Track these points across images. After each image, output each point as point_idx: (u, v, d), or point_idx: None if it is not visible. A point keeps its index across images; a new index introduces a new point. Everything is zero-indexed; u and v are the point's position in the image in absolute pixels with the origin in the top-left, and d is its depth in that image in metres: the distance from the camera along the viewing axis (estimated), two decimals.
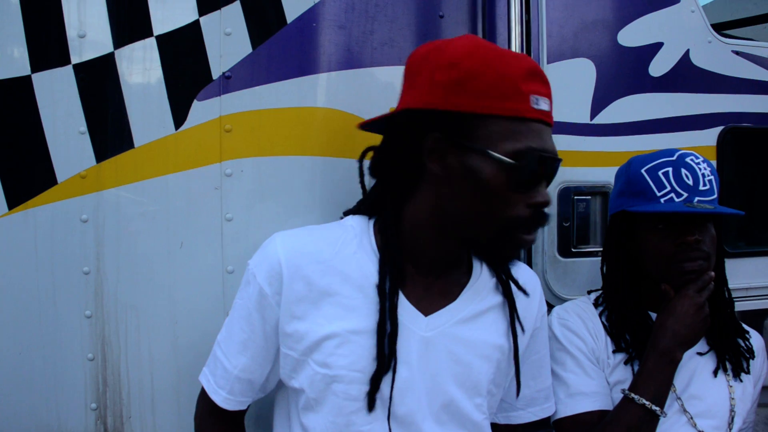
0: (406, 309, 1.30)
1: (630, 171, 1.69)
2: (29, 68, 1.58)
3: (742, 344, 1.71)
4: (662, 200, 1.60)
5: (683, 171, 1.60)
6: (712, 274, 1.59)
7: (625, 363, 1.65)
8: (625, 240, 1.71)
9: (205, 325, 1.65)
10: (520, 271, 1.48)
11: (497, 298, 1.40)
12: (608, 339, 1.67)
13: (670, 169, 1.61)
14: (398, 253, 1.30)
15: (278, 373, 1.37)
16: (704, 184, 1.60)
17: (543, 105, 1.20)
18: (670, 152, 1.66)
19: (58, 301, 1.62)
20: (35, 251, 1.61)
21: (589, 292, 1.83)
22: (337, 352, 1.26)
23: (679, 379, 1.61)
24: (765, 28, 2.70)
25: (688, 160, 1.62)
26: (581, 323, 1.69)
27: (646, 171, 1.64)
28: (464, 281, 1.38)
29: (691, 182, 1.59)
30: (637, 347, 1.64)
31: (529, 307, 1.45)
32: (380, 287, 1.27)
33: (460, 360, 1.32)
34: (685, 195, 1.59)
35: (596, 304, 1.75)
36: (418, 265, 1.33)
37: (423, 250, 1.32)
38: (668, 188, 1.60)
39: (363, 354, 1.25)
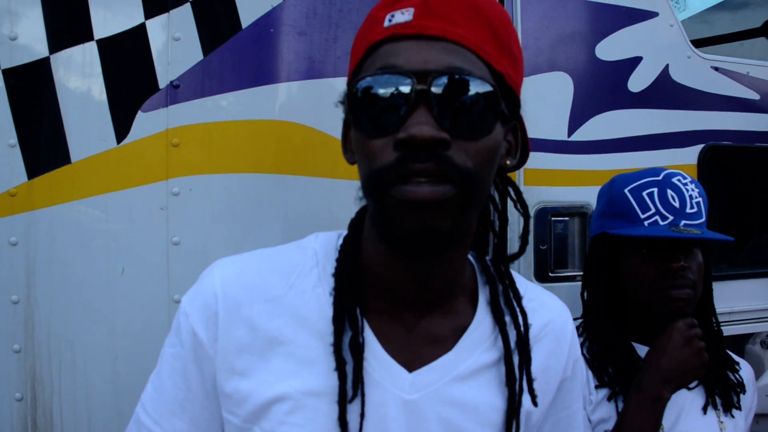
0: (382, 362, 0.98)
1: (612, 191, 1.60)
2: None
3: (732, 377, 1.62)
4: (646, 223, 1.51)
5: (669, 192, 1.52)
6: (695, 321, 1.51)
7: (609, 399, 1.54)
8: (607, 264, 1.61)
9: (149, 360, 1.46)
10: (541, 305, 1.11)
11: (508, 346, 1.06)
12: (590, 373, 1.56)
13: (655, 189, 1.53)
14: (354, 282, 0.99)
15: None
16: (691, 207, 1.51)
17: (400, 18, 0.89)
18: (655, 171, 1.57)
19: None
20: None
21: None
22: (288, 420, 0.95)
23: (667, 416, 1.51)
24: (742, 45, 2.66)
25: (674, 180, 1.54)
26: None
27: (629, 191, 1.55)
28: (464, 324, 1.04)
29: (677, 204, 1.51)
30: (621, 382, 1.53)
31: (556, 353, 1.10)
32: (336, 333, 0.96)
33: (457, 431, 1.00)
34: (671, 218, 1.50)
35: (577, 335, 1.63)
36: (389, 299, 1.01)
37: (378, 273, 1.00)
38: (653, 210, 1.51)
39: (322, 423, 0.95)
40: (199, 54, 1.56)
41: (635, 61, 2.07)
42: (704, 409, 1.55)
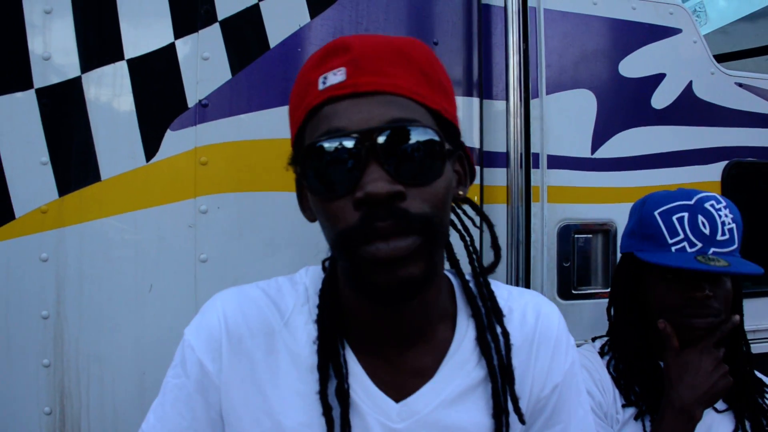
0: (369, 394, 1.02)
1: (643, 211, 1.57)
2: None
3: (763, 403, 1.60)
4: (673, 248, 1.48)
5: (700, 218, 1.49)
6: (737, 318, 1.49)
7: (635, 418, 1.53)
8: (634, 284, 1.60)
9: None
10: (525, 314, 1.11)
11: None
12: (616, 392, 1.55)
13: (685, 214, 1.49)
14: (335, 328, 1.02)
15: None
16: (723, 234, 1.48)
17: (334, 79, 0.90)
18: (688, 194, 1.54)
19: (13, 347, 1.52)
20: None
21: (593, 339, 1.71)
22: None
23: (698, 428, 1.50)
24: (766, 61, 2.65)
25: (707, 205, 1.50)
26: (587, 375, 1.56)
27: (659, 214, 1.52)
28: (444, 349, 1.06)
29: (707, 231, 1.48)
30: (648, 401, 1.52)
31: (545, 359, 1.10)
32: (321, 381, 0.98)
33: None
34: (700, 245, 1.47)
35: (602, 353, 1.63)
36: (370, 337, 1.04)
37: (360, 318, 1.03)
38: (681, 236, 1.48)
39: None
40: (228, 73, 1.57)
41: (659, 78, 2.07)
42: None
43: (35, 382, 1.52)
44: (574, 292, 1.96)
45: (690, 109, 2.11)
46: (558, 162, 1.93)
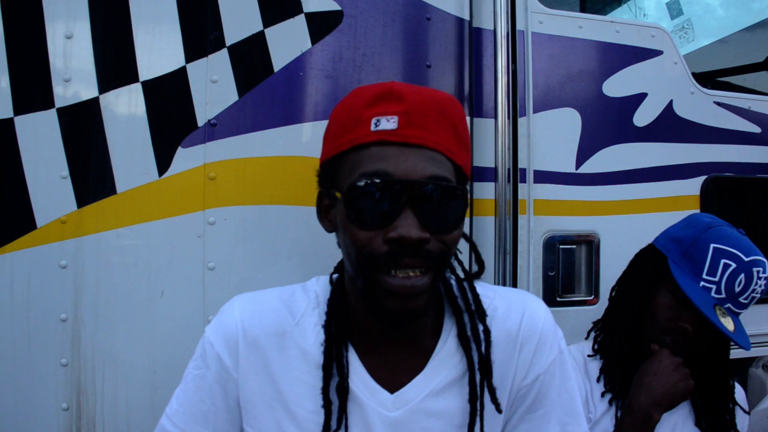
0: (368, 387, 1.16)
1: (705, 234, 1.61)
2: (12, 111, 1.57)
3: (725, 407, 1.69)
4: (702, 283, 1.55)
5: (741, 276, 1.54)
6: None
7: (610, 402, 1.62)
8: (648, 276, 1.67)
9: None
10: (509, 310, 1.22)
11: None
12: (590, 392, 1.66)
13: (733, 266, 1.54)
14: (340, 333, 1.16)
15: None
16: (746, 297, 1.56)
17: (387, 124, 1.03)
18: (749, 250, 1.56)
19: (33, 347, 1.59)
20: (11, 296, 1.58)
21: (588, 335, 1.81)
22: None
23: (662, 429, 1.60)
24: (744, 80, 2.74)
25: (755, 269, 1.55)
26: None
27: (714, 248, 1.56)
28: (432, 346, 1.20)
29: (738, 290, 1.54)
30: (621, 384, 1.63)
31: (521, 358, 1.20)
32: (324, 378, 1.13)
33: None
34: (723, 296, 1.54)
35: (594, 340, 1.73)
36: (371, 339, 1.18)
37: (362, 324, 1.17)
38: (716, 279, 1.54)
39: None
40: (235, 95, 1.66)
41: (641, 97, 2.17)
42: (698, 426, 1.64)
43: (54, 380, 1.59)
44: (558, 299, 2.05)
45: (670, 126, 2.20)
46: (544, 177, 2.03)
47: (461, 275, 1.25)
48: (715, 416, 1.66)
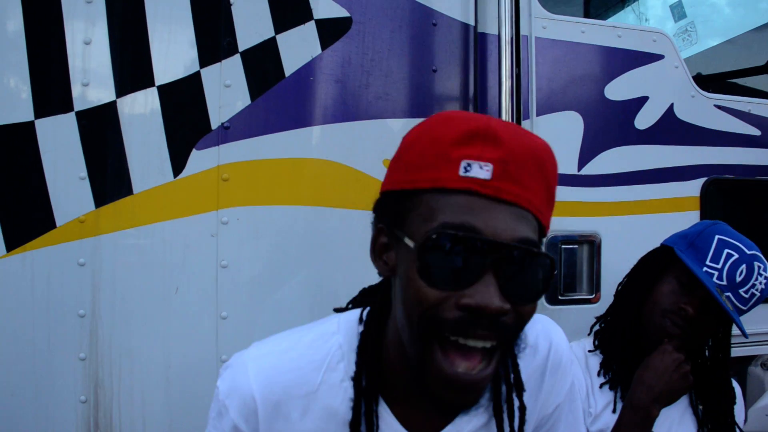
0: None
1: (709, 228, 1.69)
2: (33, 114, 1.62)
3: (722, 404, 1.73)
4: (705, 269, 1.61)
5: (743, 267, 1.60)
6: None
7: (611, 388, 1.67)
8: (655, 270, 1.72)
9: (197, 369, 1.67)
10: (536, 343, 1.15)
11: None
12: (590, 389, 1.70)
13: (736, 256, 1.61)
14: (373, 381, 1.04)
15: None
16: (746, 291, 1.61)
17: (479, 172, 0.87)
18: (751, 246, 1.65)
19: (53, 342, 1.64)
20: (32, 293, 1.63)
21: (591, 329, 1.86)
22: None
23: (659, 428, 1.64)
24: (745, 83, 2.77)
25: (756, 263, 1.62)
26: None
27: (719, 239, 1.64)
28: None
29: (738, 280, 1.59)
30: (621, 376, 1.67)
31: (550, 385, 1.17)
32: (352, 426, 1.03)
33: None
34: (725, 284, 1.59)
35: (595, 337, 1.78)
36: (404, 391, 1.06)
37: (397, 377, 1.04)
38: (718, 266, 1.60)
39: None
40: (247, 99, 1.71)
41: (642, 101, 2.20)
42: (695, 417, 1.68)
43: (72, 374, 1.64)
44: (560, 297, 2.10)
45: (671, 129, 2.24)
46: None
47: None
48: (713, 411, 1.70)
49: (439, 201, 0.89)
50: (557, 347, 1.16)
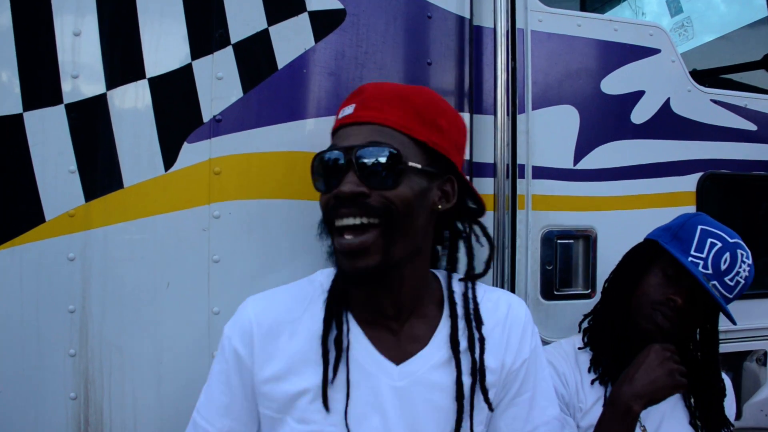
0: (375, 359, 1.29)
1: (691, 220, 1.71)
2: (21, 106, 1.59)
3: (712, 398, 1.72)
4: (690, 258, 1.62)
5: (727, 255, 1.62)
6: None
7: (601, 383, 1.67)
8: (641, 265, 1.73)
9: (189, 365, 1.66)
10: (498, 301, 1.40)
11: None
12: (579, 384, 1.69)
13: (719, 245, 1.63)
14: (340, 298, 1.31)
15: None
16: (732, 279, 1.62)
17: (346, 110, 1.27)
18: (732, 235, 1.67)
19: (42, 338, 1.61)
20: (21, 288, 1.60)
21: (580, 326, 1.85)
22: (311, 407, 1.26)
23: (650, 423, 1.64)
24: (741, 78, 2.76)
25: (739, 251, 1.63)
26: (552, 370, 1.69)
27: (701, 229, 1.66)
28: (434, 325, 1.35)
29: (723, 268, 1.61)
30: (611, 371, 1.67)
31: (516, 337, 1.37)
32: (324, 332, 1.27)
33: (440, 407, 1.29)
34: (710, 272, 1.61)
35: (584, 334, 1.77)
36: (373, 312, 1.32)
37: (356, 294, 1.32)
38: (703, 255, 1.62)
39: (334, 407, 1.26)
40: (240, 92, 1.69)
41: (638, 95, 2.20)
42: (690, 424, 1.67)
43: (62, 370, 1.62)
44: (555, 293, 2.09)
45: (667, 124, 2.23)
46: (542, 172, 2.06)
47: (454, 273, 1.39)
48: (704, 403, 1.69)
49: (332, 138, 1.30)
50: (515, 309, 1.40)
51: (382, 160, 1.18)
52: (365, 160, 1.18)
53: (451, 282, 1.39)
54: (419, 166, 1.22)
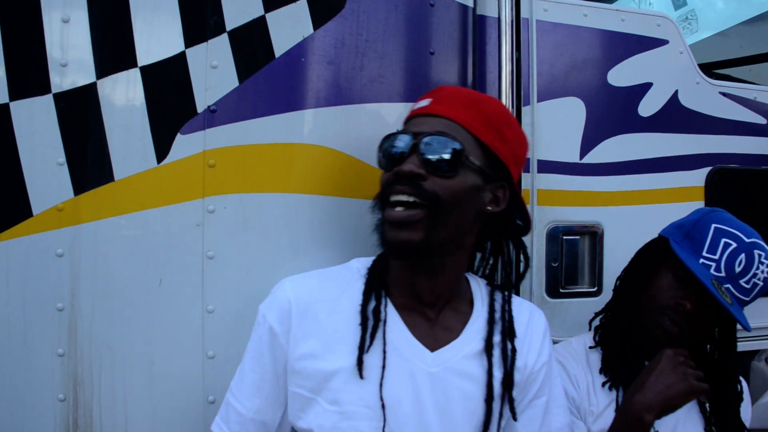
0: (411, 344, 1.35)
1: (705, 217, 1.65)
2: (7, 96, 1.54)
3: (729, 403, 1.67)
4: (701, 260, 1.56)
5: (742, 256, 1.55)
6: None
7: (611, 388, 1.62)
8: (652, 262, 1.68)
9: (182, 366, 1.61)
10: (521, 308, 1.49)
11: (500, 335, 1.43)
12: (590, 386, 1.64)
13: (734, 245, 1.56)
14: (381, 277, 1.38)
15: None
16: (748, 281, 1.55)
17: (422, 104, 1.40)
18: (750, 233, 1.60)
19: (29, 337, 1.57)
20: (7, 285, 1.56)
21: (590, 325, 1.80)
22: (345, 387, 1.29)
23: (664, 426, 1.59)
24: (750, 71, 2.73)
25: (756, 251, 1.56)
26: (562, 371, 1.64)
27: (715, 228, 1.59)
28: (467, 318, 1.42)
29: (738, 270, 1.54)
30: (622, 374, 1.62)
31: (538, 342, 1.47)
32: (363, 303, 1.34)
33: (471, 395, 1.34)
34: (723, 275, 1.54)
35: (596, 333, 1.73)
36: (411, 297, 1.39)
37: (397, 275, 1.39)
38: (716, 257, 1.55)
39: (369, 388, 1.29)
40: (235, 81, 1.64)
41: (646, 87, 2.16)
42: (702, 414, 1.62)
43: (50, 371, 1.57)
44: (561, 290, 2.05)
45: (675, 117, 2.20)
46: (548, 166, 2.02)
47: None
48: (720, 408, 1.65)
49: (403, 125, 1.44)
50: (537, 315, 1.51)
51: (445, 149, 1.28)
52: (429, 146, 1.28)
53: (492, 289, 1.50)
54: (477, 163, 1.31)
